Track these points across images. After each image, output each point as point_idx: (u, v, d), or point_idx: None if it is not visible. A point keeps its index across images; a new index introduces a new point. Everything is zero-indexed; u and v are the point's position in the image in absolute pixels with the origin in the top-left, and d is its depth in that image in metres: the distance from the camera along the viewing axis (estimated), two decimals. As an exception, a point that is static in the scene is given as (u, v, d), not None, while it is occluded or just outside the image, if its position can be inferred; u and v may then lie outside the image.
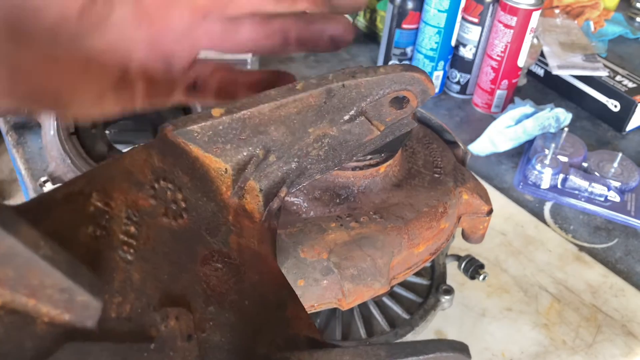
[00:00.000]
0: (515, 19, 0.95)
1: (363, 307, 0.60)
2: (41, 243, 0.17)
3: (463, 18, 1.03)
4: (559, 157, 0.90)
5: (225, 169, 0.31)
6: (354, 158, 0.36)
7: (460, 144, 0.57)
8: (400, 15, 1.06)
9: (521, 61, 1.01)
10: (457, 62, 1.09)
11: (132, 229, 0.24)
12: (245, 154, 0.32)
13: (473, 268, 0.64)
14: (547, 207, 0.87)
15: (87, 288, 0.19)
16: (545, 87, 1.17)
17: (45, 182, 0.66)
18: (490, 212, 0.54)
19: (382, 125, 0.34)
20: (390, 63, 1.12)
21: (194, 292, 0.26)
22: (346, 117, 0.33)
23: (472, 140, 0.96)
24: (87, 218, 0.23)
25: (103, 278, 0.22)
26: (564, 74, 1.10)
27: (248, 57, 1.19)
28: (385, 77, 0.32)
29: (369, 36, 1.32)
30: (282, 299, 0.30)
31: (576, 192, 0.87)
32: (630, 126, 1.05)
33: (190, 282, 0.26)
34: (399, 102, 0.33)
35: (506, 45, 0.99)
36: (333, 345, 0.27)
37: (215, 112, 0.30)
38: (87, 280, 0.19)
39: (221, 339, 0.25)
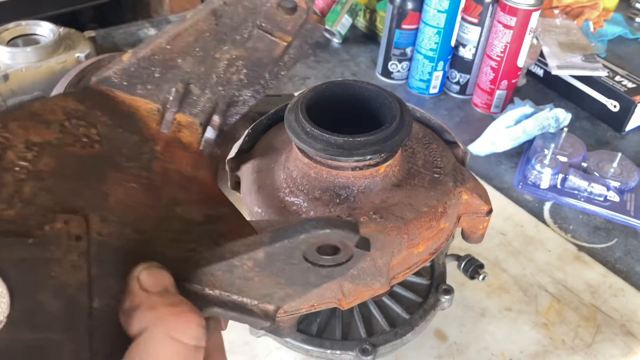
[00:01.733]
0: (514, 19, 0.95)
1: (363, 306, 0.60)
2: None
3: (463, 18, 1.03)
4: (558, 157, 0.90)
5: (158, 108, 0.34)
6: (281, 76, 0.37)
7: (460, 144, 0.57)
8: (400, 16, 1.06)
9: (521, 61, 1.02)
10: (456, 62, 1.09)
11: (29, 155, 0.27)
12: (167, 90, 0.34)
13: (473, 268, 0.64)
14: (547, 207, 0.87)
15: None
16: (545, 88, 1.17)
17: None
18: (489, 212, 0.54)
19: (288, 36, 0.35)
20: (380, 61, 1.12)
21: (96, 206, 0.28)
22: (245, 35, 0.34)
23: (471, 140, 0.96)
24: None
25: None
26: (564, 74, 1.10)
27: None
28: None
29: (369, 36, 1.32)
30: (215, 215, 0.33)
31: (575, 192, 0.88)
32: (630, 126, 1.05)
33: (92, 198, 0.29)
34: (291, 9, 0.34)
35: (506, 46, 0.99)
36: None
37: (124, 57, 0.32)
38: None
39: (118, 243, 0.28)
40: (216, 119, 0.36)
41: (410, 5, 1.05)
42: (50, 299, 0.24)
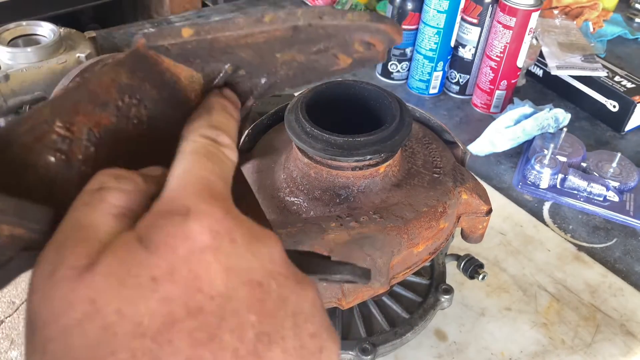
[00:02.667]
0: (514, 19, 0.96)
1: (363, 306, 0.60)
2: None
3: (462, 19, 1.03)
4: (557, 157, 0.90)
5: (196, 76, 0.34)
6: (323, 80, 0.38)
7: (460, 144, 0.57)
8: (399, 16, 1.06)
9: (520, 62, 1.02)
10: (456, 62, 1.09)
11: (92, 149, 0.28)
12: (214, 66, 0.34)
13: (472, 268, 0.64)
14: (546, 207, 0.87)
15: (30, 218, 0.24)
16: (544, 88, 1.17)
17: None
18: (489, 212, 0.55)
19: (349, 59, 0.35)
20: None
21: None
22: (314, 49, 0.34)
23: (471, 140, 0.97)
24: (49, 146, 0.27)
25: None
26: (563, 74, 1.11)
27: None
28: (352, 25, 0.32)
29: (369, 37, 1.32)
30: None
31: (575, 192, 0.88)
32: (629, 126, 1.05)
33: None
34: (367, 44, 0.34)
35: (505, 46, 0.99)
36: None
37: (185, 32, 0.32)
38: (32, 213, 0.24)
39: None
40: (251, 100, 0.37)
41: (410, 6, 1.05)
42: None
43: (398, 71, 1.14)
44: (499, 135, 0.93)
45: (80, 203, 0.24)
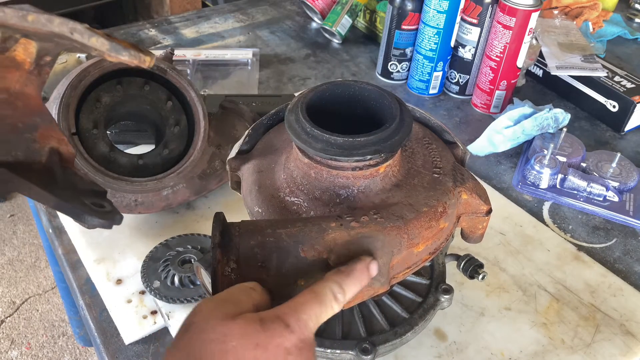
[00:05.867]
0: (514, 19, 0.96)
1: (363, 306, 0.61)
2: None
3: (462, 19, 1.03)
4: (557, 157, 0.91)
5: None
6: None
7: (460, 144, 0.58)
8: (399, 17, 1.07)
9: (520, 62, 1.02)
10: (456, 62, 1.09)
11: None
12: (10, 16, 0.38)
13: (472, 267, 0.64)
14: (546, 207, 0.87)
15: None
16: (544, 88, 1.17)
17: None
18: (489, 212, 0.55)
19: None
20: (380, 62, 1.13)
21: None
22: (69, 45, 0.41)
23: (471, 140, 0.97)
24: None
25: None
26: (563, 74, 1.11)
27: (249, 57, 1.19)
28: (93, 46, 0.38)
29: (369, 37, 1.33)
30: (34, 123, 0.42)
31: (575, 192, 0.88)
32: (629, 126, 1.05)
33: None
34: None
35: (505, 46, 0.99)
36: None
37: None
38: None
39: None
40: (49, 57, 0.42)
41: (410, 6, 1.05)
42: None
43: (398, 71, 1.14)
44: (498, 135, 0.93)
45: (238, 289, 0.40)
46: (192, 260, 0.70)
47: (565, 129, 0.93)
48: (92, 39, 0.37)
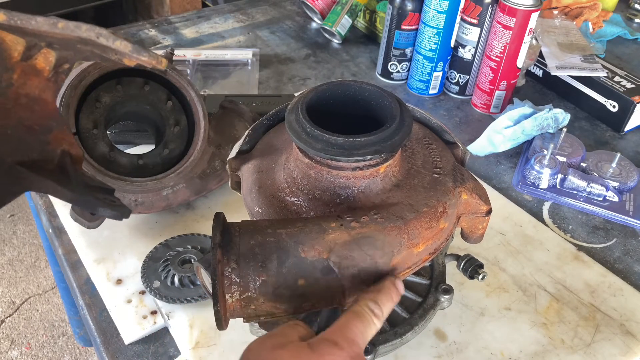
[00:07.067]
0: (514, 20, 0.96)
1: (363, 306, 0.61)
2: None
3: (462, 19, 1.03)
4: (557, 157, 0.91)
5: (19, 40, 0.41)
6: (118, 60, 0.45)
7: (460, 144, 0.58)
8: (399, 17, 1.07)
9: (520, 62, 1.02)
10: (456, 62, 1.09)
11: None
12: (31, 40, 0.41)
13: (472, 267, 0.64)
14: (546, 207, 0.87)
15: None
16: (544, 88, 1.17)
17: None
18: (489, 212, 0.55)
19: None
20: (380, 62, 1.13)
21: None
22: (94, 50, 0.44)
23: (471, 140, 0.97)
24: None
25: None
26: (563, 74, 1.11)
27: (249, 57, 1.19)
28: (117, 49, 0.41)
29: (369, 37, 1.33)
30: (49, 127, 0.45)
31: (575, 192, 0.88)
32: (629, 126, 1.05)
33: None
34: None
35: (505, 46, 0.99)
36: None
37: (0, 16, 0.38)
38: None
39: None
40: (67, 65, 0.44)
41: (409, 6, 1.05)
42: None
43: (398, 71, 1.14)
44: (498, 136, 0.93)
45: (283, 326, 0.42)
46: (192, 260, 0.70)
47: (565, 129, 0.93)
48: (117, 42, 0.40)
